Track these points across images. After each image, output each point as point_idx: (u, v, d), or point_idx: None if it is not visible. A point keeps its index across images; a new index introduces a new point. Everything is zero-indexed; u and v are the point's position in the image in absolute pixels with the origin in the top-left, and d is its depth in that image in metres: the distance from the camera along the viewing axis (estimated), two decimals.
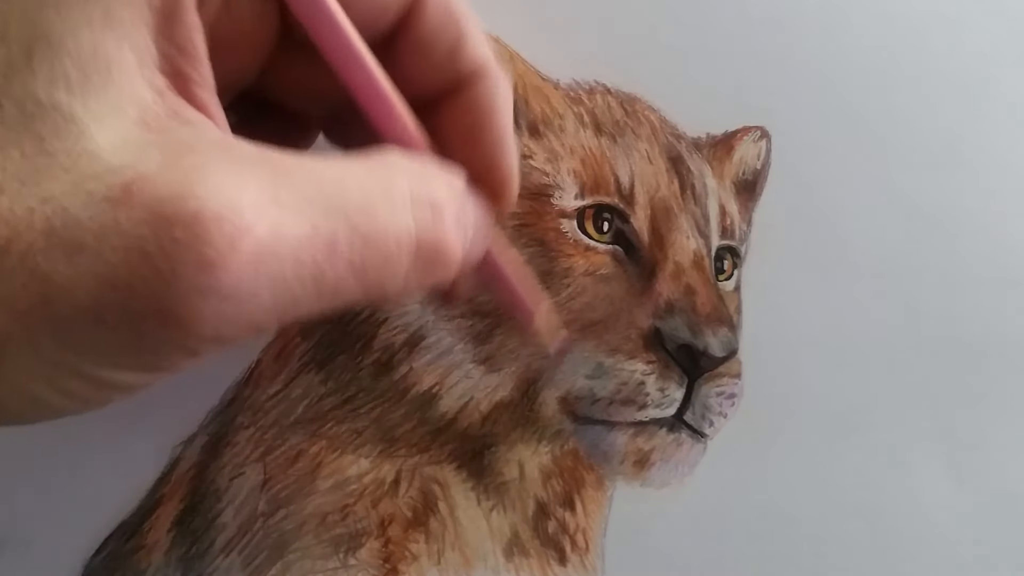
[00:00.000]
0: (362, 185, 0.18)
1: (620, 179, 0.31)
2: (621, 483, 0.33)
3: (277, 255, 0.16)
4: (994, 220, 0.37)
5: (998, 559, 0.36)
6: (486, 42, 0.22)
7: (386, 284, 0.18)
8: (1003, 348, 0.36)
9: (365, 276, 0.17)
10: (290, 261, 0.16)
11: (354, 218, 0.17)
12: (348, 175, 0.18)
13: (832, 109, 0.35)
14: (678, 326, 0.30)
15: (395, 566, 0.30)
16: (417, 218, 0.18)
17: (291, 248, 0.16)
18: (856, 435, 0.35)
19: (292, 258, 0.16)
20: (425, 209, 0.18)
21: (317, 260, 0.16)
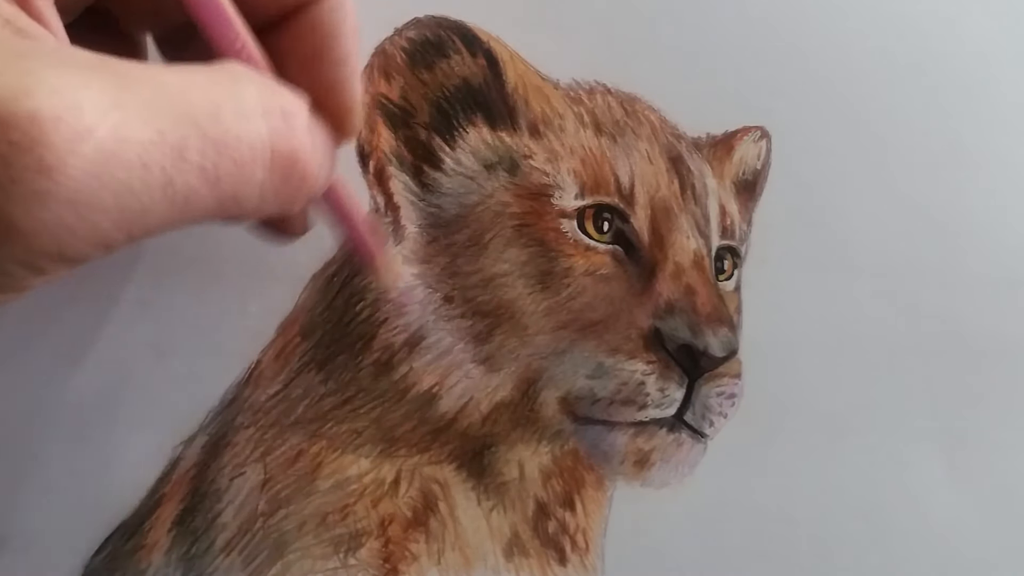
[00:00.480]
0: (209, 92, 0.17)
1: (620, 179, 0.31)
2: (621, 483, 0.33)
3: (121, 159, 0.15)
4: (994, 220, 0.37)
5: (998, 559, 0.36)
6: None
7: (241, 195, 0.17)
8: (1003, 348, 0.36)
9: (218, 185, 0.17)
10: (136, 166, 0.15)
11: (203, 124, 0.16)
12: (194, 83, 0.17)
13: (832, 109, 0.35)
14: (678, 326, 0.30)
15: (395, 566, 0.30)
16: (271, 127, 0.18)
17: (136, 152, 0.15)
18: (856, 435, 0.35)
19: (138, 163, 0.15)
20: (277, 117, 0.18)
21: (165, 166, 0.15)
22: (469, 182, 0.31)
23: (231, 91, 0.17)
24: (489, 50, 0.31)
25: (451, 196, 0.31)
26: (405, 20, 0.31)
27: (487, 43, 0.31)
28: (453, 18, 0.31)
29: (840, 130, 0.35)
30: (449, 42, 0.31)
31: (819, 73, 0.35)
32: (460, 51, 0.31)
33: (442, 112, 0.31)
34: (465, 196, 0.31)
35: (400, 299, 0.29)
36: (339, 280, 0.31)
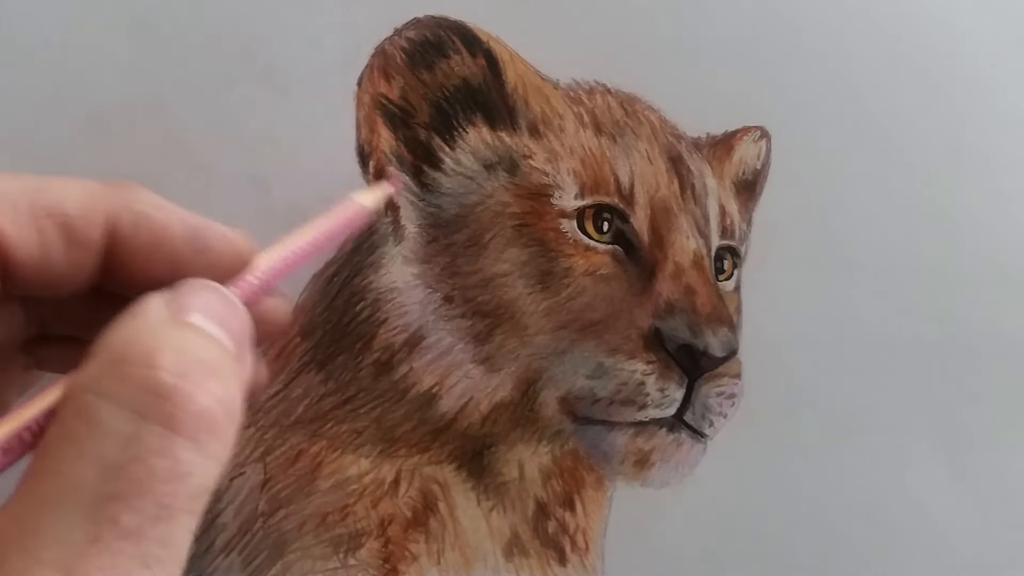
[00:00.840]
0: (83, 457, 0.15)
1: (620, 179, 0.31)
2: (621, 483, 0.33)
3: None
4: (994, 220, 0.37)
5: (998, 559, 0.36)
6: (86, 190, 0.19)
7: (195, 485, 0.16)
8: (1003, 348, 0.36)
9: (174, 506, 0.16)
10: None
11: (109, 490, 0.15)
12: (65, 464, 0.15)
13: (832, 109, 0.35)
14: (678, 326, 0.30)
15: (395, 566, 0.30)
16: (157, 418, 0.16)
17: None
18: (856, 435, 0.35)
19: None
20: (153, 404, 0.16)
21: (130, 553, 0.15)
22: (469, 182, 0.31)
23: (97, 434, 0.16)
24: (489, 50, 0.31)
25: (451, 196, 0.31)
26: (405, 20, 0.31)
27: (487, 43, 0.31)
28: (453, 18, 0.31)
29: (840, 130, 0.35)
30: (449, 42, 0.31)
31: (819, 73, 0.35)
32: (460, 51, 0.31)
33: (442, 112, 0.31)
34: (465, 196, 0.31)
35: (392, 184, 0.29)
36: (339, 280, 0.31)
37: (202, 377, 0.17)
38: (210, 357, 0.17)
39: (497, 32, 0.31)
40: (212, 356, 0.17)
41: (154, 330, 0.17)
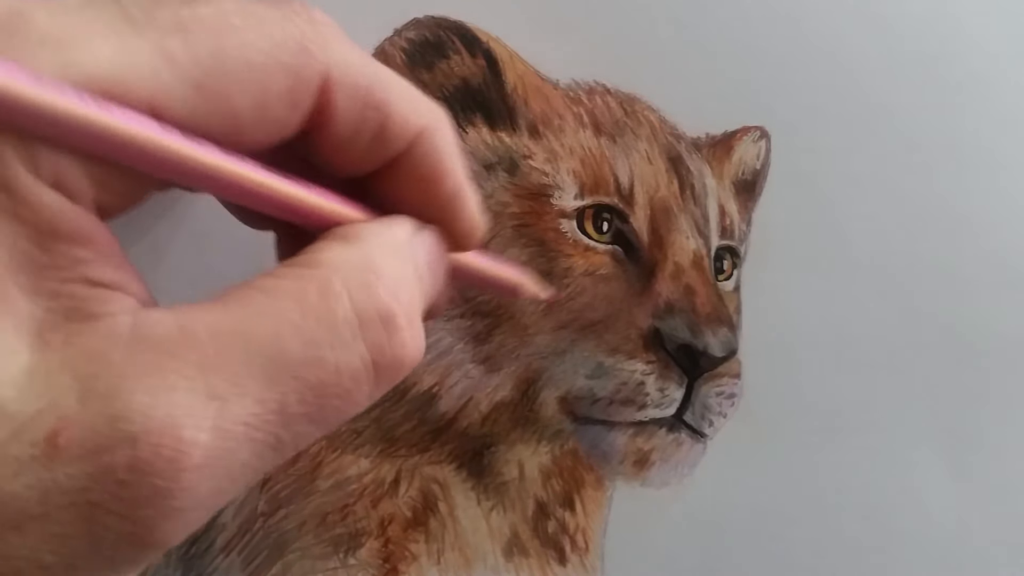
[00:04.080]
0: (299, 328, 0.16)
1: (620, 179, 0.31)
2: (621, 483, 0.33)
3: (228, 448, 0.15)
4: (994, 220, 0.37)
5: (998, 558, 0.36)
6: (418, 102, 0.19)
7: (349, 412, 0.17)
8: (1003, 348, 0.36)
9: (325, 420, 0.16)
10: (244, 446, 0.15)
11: (300, 372, 0.16)
12: (282, 319, 0.16)
13: (831, 109, 0.35)
14: (678, 326, 0.30)
15: (395, 566, 0.30)
16: (370, 344, 0.17)
17: (241, 435, 0.15)
18: (856, 435, 0.35)
19: (245, 442, 0.15)
20: (376, 328, 0.17)
21: (271, 430, 0.16)
22: None
23: (323, 314, 0.16)
24: (488, 50, 0.31)
25: None
26: (405, 21, 0.31)
27: (486, 43, 0.31)
28: (452, 18, 0.31)
29: (840, 130, 0.35)
30: (448, 42, 0.31)
31: (819, 73, 0.35)
32: (459, 51, 0.31)
33: None
34: None
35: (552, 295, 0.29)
36: None
37: (417, 327, 0.18)
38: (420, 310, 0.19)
39: (497, 32, 0.31)
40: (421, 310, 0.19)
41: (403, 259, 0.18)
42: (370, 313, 0.17)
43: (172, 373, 0.15)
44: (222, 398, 0.15)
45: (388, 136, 0.19)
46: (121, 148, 0.15)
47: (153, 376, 0.14)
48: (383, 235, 0.18)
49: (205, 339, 0.15)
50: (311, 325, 0.16)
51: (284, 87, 0.17)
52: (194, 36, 0.16)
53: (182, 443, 0.14)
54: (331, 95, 0.18)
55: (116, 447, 0.14)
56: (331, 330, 0.16)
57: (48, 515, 0.14)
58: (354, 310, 0.17)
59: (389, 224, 0.19)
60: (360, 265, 0.17)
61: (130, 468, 0.14)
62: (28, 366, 0.14)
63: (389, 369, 0.17)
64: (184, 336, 0.15)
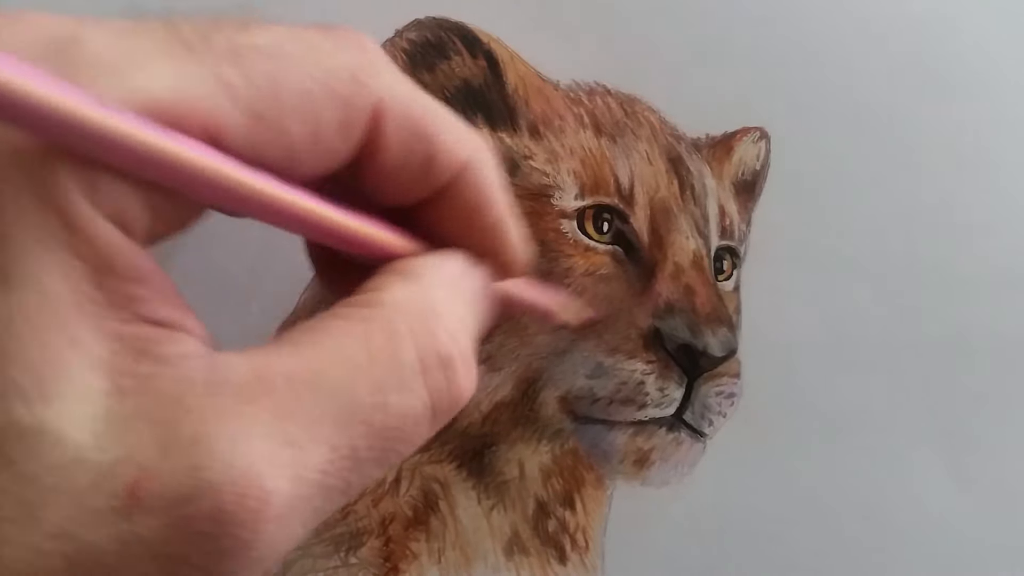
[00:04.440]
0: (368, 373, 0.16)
1: (620, 180, 0.32)
2: (621, 482, 0.33)
3: (305, 497, 0.15)
4: (994, 220, 0.37)
5: (998, 559, 0.36)
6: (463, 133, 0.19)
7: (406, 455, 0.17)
8: (1003, 348, 0.36)
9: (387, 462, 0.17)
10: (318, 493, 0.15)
11: (369, 417, 0.16)
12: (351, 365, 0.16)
13: (832, 110, 0.35)
14: (678, 326, 0.31)
15: (396, 565, 0.30)
16: (431, 387, 0.17)
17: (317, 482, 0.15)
18: (855, 435, 0.35)
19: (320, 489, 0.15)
20: (436, 373, 0.17)
21: (343, 476, 0.16)
22: None
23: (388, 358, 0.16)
24: (489, 51, 0.31)
25: None
26: (406, 21, 0.31)
27: (487, 44, 0.31)
28: (454, 19, 0.31)
29: (840, 131, 0.35)
30: (450, 43, 0.31)
31: (819, 74, 0.35)
32: (460, 52, 0.31)
33: None
34: None
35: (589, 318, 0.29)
36: None
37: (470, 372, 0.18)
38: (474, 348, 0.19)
39: (497, 33, 0.31)
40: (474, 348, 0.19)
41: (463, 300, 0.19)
42: (431, 357, 0.17)
43: (251, 420, 0.14)
44: (299, 446, 0.15)
45: (435, 167, 0.19)
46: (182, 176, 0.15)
47: (232, 423, 0.14)
48: (441, 272, 0.19)
49: (281, 385, 0.15)
50: (378, 370, 0.16)
51: (338, 117, 0.17)
52: (250, 63, 0.15)
53: (264, 492, 0.14)
54: (382, 125, 0.18)
55: (198, 498, 0.14)
56: (397, 374, 0.16)
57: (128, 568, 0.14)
58: (416, 352, 0.17)
59: (445, 259, 0.19)
60: (422, 306, 0.18)
61: (212, 520, 0.14)
62: (104, 413, 0.14)
63: (446, 411, 0.18)
64: (260, 382, 0.15)
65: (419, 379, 0.17)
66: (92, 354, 0.14)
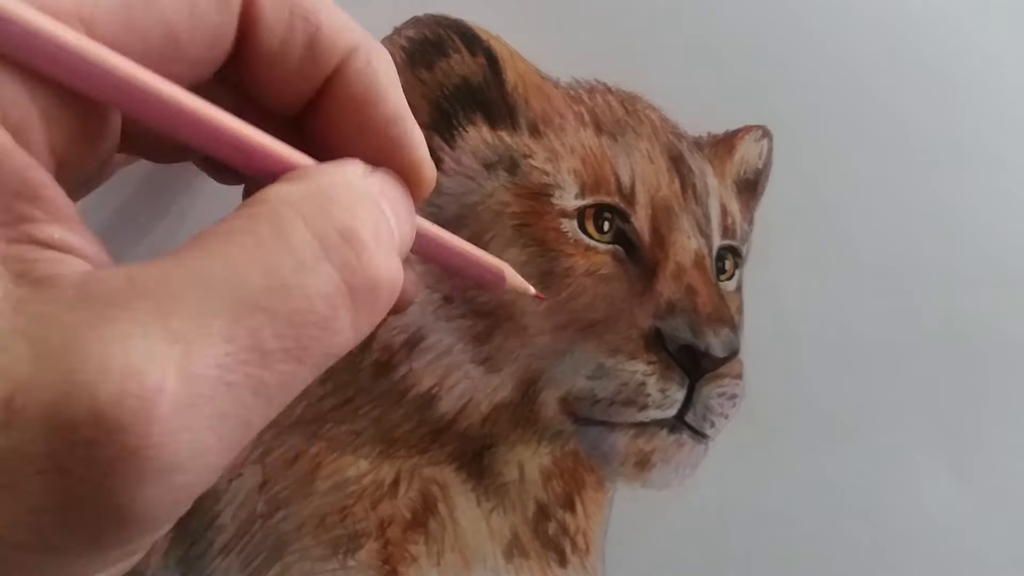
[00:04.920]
0: (256, 258, 0.15)
1: (621, 178, 0.31)
2: (622, 484, 0.32)
3: (202, 395, 0.14)
4: (994, 220, 0.37)
5: (999, 559, 0.36)
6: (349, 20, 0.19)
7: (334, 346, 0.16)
8: (1003, 348, 0.36)
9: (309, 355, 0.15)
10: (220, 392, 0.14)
11: (266, 303, 0.15)
12: (236, 255, 0.15)
13: (833, 108, 0.35)
14: (679, 326, 0.30)
15: (394, 567, 0.30)
16: (335, 261, 0.16)
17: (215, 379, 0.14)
18: (857, 435, 0.35)
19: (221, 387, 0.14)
20: (338, 247, 0.16)
21: (249, 372, 0.14)
22: (469, 182, 0.31)
23: (279, 242, 0.15)
24: (489, 49, 0.31)
25: (451, 196, 0.31)
26: (404, 19, 0.30)
27: (487, 42, 0.31)
28: (452, 17, 0.31)
29: (841, 129, 0.35)
30: (448, 41, 0.30)
31: (820, 72, 0.35)
32: (459, 50, 0.31)
33: (442, 111, 0.31)
34: (465, 196, 0.31)
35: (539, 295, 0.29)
36: None
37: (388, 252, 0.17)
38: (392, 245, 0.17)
39: (497, 31, 0.31)
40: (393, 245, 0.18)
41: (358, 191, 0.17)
42: (329, 233, 0.16)
43: (125, 322, 0.14)
44: (186, 340, 0.14)
45: (319, 48, 0.18)
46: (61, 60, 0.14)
47: (106, 328, 0.13)
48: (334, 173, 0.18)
49: (158, 286, 0.14)
50: (267, 254, 0.15)
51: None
52: None
53: (145, 389, 0.13)
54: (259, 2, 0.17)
55: (73, 402, 0.13)
56: (290, 253, 0.15)
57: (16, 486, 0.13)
58: (311, 232, 0.16)
59: (340, 164, 0.18)
60: (312, 193, 0.17)
61: (92, 424, 0.13)
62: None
63: (365, 291, 0.16)
64: (135, 286, 0.14)
65: (319, 256, 0.16)
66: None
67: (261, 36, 0.18)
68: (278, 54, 0.18)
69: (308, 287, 0.15)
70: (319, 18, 0.18)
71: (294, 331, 0.15)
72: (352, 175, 0.18)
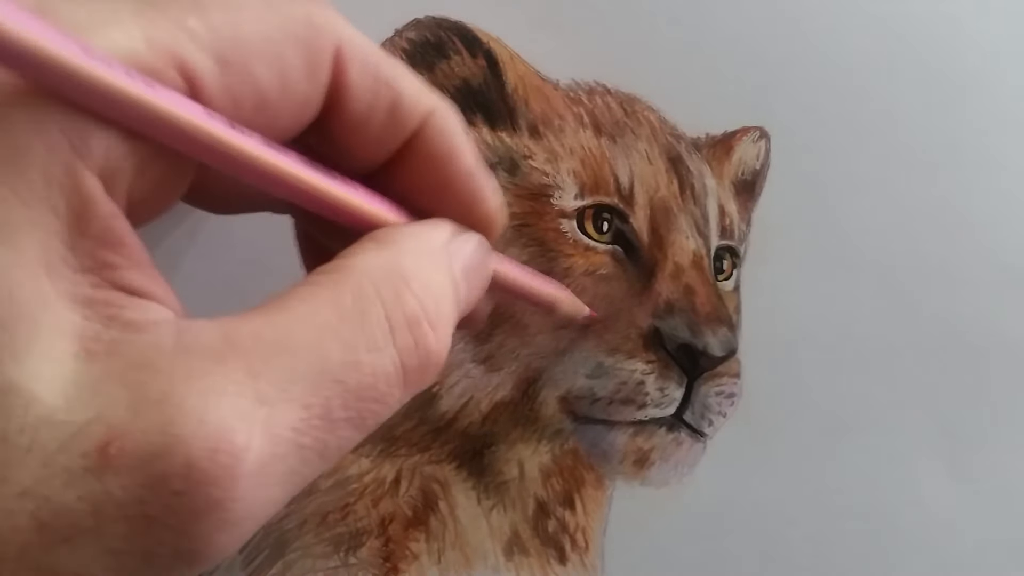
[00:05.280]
0: (338, 333, 0.16)
1: (620, 179, 0.32)
2: (621, 482, 0.33)
3: (278, 455, 0.15)
4: (995, 220, 0.37)
5: (999, 558, 0.36)
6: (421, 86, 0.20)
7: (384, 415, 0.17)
8: (1003, 348, 0.36)
9: (364, 424, 0.17)
10: (292, 452, 0.15)
11: (341, 377, 0.16)
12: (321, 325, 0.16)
13: (831, 109, 0.35)
14: (678, 326, 0.31)
15: (395, 565, 0.30)
16: (400, 347, 0.17)
17: (291, 441, 0.15)
18: (856, 435, 0.35)
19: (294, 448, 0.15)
20: (404, 333, 0.17)
21: (317, 436, 0.16)
22: None
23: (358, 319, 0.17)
24: (489, 51, 0.31)
25: None
26: (405, 21, 0.31)
27: (487, 44, 0.31)
28: (453, 19, 0.31)
29: (839, 130, 0.35)
30: (449, 43, 0.31)
31: (819, 73, 0.35)
32: (460, 52, 0.31)
33: None
34: None
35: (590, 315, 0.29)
36: None
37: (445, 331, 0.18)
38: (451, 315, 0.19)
39: (497, 32, 0.31)
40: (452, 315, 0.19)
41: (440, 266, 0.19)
42: (398, 317, 0.17)
43: (221, 379, 0.14)
44: (271, 403, 0.15)
45: (401, 113, 0.19)
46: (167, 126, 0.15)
47: (202, 382, 0.14)
48: (418, 239, 0.19)
49: (250, 346, 0.15)
50: (348, 329, 0.16)
51: (301, 58, 0.17)
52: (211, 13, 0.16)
53: (236, 448, 0.14)
54: (345, 68, 0.18)
55: (169, 454, 0.14)
56: (366, 333, 0.17)
57: (101, 529, 0.13)
58: (385, 314, 0.17)
59: (426, 227, 0.20)
60: (390, 269, 0.18)
61: (184, 477, 0.14)
62: (74, 376, 0.14)
63: (416, 372, 0.18)
64: (229, 344, 0.15)
65: (388, 342, 0.17)
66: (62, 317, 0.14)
67: (347, 103, 0.19)
68: (362, 119, 0.19)
69: (376, 367, 0.17)
70: (401, 84, 0.19)
71: (359, 404, 0.16)
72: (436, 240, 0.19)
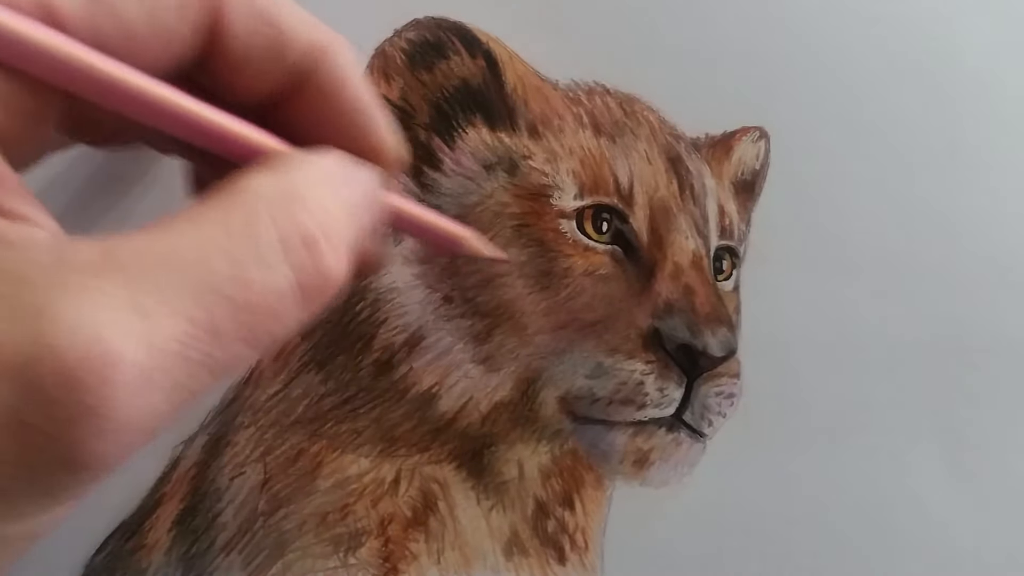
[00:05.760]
0: (225, 248, 0.16)
1: (619, 179, 0.32)
2: (620, 482, 0.33)
3: (160, 367, 0.15)
4: (994, 220, 0.37)
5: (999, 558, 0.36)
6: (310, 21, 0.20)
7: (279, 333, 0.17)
8: (1003, 348, 0.36)
9: (256, 340, 0.17)
10: (177, 365, 0.15)
11: (228, 292, 0.16)
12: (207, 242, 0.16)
13: (831, 109, 0.35)
14: (677, 326, 0.31)
15: (395, 565, 0.30)
16: (293, 264, 0.17)
17: (173, 353, 0.15)
18: (856, 435, 0.35)
19: (179, 361, 0.15)
20: (300, 252, 0.17)
21: (204, 350, 0.16)
22: (468, 183, 0.31)
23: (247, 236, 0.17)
24: (488, 51, 0.31)
25: (450, 196, 0.31)
26: (405, 21, 0.31)
27: (486, 44, 0.31)
28: (452, 19, 0.31)
29: (839, 130, 0.35)
30: (448, 43, 0.31)
31: (818, 73, 0.35)
32: (459, 52, 0.31)
33: (441, 113, 0.31)
34: (464, 196, 0.31)
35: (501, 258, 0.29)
36: None
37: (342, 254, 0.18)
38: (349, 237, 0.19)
39: (497, 33, 0.31)
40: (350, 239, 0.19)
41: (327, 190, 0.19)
42: (293, 236, 0.17)
43: (97, 292, 0.15)
44: (151, 316, 0.15)
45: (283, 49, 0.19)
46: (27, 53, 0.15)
47: (78, 294, 0.14)
48: (312, 164, 0.19)
49: (130, 261, 0.15)
50: (236, 247, 0.16)
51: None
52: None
53: (110, 357, 0.14)
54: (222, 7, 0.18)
55: (42, 361, 0.14)
56: (255, 249, 0.17)
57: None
58: (277, 234, 0.17)
59: (318, 154, 0.19)
60: (286, 192, 0.18)
61: (58, 384, 0.14)
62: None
63: (314, 290, 0.18)
64: (109, 259, 0.15)
65: (280, 257, 0.17)
66: None
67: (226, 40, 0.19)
68: (242, 56, 0.19)
69: (267, 283, 0.17)
70: (281, 20, 0.19)
71: (248, 319, 0.16)
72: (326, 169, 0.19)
